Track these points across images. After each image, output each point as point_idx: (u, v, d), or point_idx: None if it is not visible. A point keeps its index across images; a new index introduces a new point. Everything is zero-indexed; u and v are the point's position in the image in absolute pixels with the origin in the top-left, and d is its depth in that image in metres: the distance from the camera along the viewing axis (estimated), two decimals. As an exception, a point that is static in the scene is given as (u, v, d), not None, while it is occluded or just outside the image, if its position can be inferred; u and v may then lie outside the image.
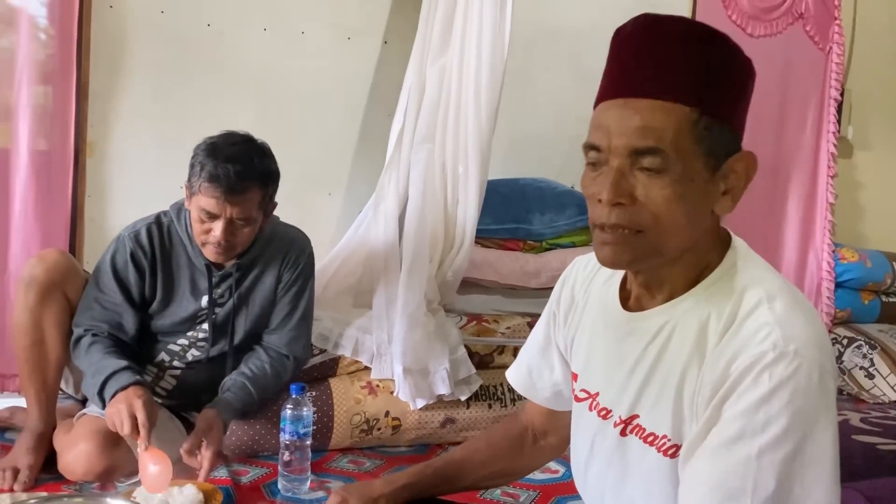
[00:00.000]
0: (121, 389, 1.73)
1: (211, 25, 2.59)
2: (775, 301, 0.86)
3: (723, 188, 0.89)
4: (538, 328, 1.22)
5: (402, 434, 2.21)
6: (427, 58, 2.48)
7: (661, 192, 0.86)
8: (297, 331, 2.02)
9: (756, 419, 0.80)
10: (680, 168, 0.85)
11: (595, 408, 1.03)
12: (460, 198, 2.43)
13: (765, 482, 0.79)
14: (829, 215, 3.34)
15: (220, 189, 1.77)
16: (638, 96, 0.87)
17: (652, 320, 0.95)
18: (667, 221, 0.87)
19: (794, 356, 0.81)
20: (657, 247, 0.89)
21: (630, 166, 0.87)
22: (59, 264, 1.87)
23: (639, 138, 0.85)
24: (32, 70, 2.32)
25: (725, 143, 0.88)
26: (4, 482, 1.76)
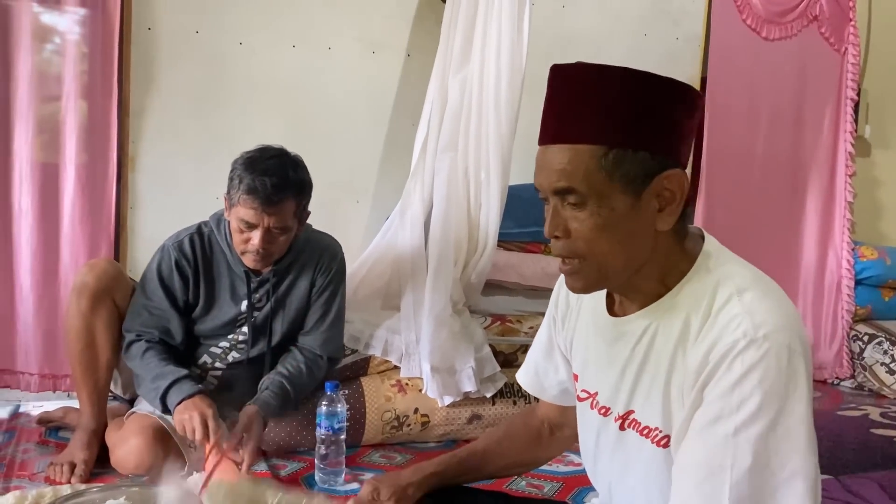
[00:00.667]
0: (187, 398, 1.85)
1: (243, 44, 2.71)
2: (745, 293, 0.94)
3: (657, 206, 0.96)
4: (542, 331, 1.29)
5: (431, 430, 2.30)
6: (449, 69, 2.56)
7: (584, 224, 0.95)
8: (330, 332, 2.13)
9: (731, 400, 0.88)
10: (595, 200, 0.94)
11: (595, 406, 1.11)
12: (483, 202, 2.51)
13: (742, 457, 0.87)
14: (847, 213, 3.36)
15: (258, 201, 1.88)
16: (553, 142, 0.97)
17: (636, 323, 1.03)
18: (597, 248, 0.96)
19: (762, 341, 0.89)
20: (601, 271, 0.98)
21: (561, 203, 0.97)
22: (108, 272, 1.99)
23: (556, 180, 0.95)
24: (77, 88, 2.44)
25: (643, 168, 0.94)
26: (63, 476, 1.88)
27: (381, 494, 1.19)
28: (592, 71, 0.96)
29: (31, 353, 2.44)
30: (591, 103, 0.95)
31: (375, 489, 1.19)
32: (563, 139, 0.96)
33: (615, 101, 0.94)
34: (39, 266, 2.43)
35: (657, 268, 1.00)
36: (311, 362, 2.09)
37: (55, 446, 2.13)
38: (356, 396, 2.24)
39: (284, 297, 2.09)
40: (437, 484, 1.24)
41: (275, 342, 2.10)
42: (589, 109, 0.95)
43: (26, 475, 1.94)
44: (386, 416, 2.25)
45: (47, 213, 2.44)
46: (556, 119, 0.98)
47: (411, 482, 1.21)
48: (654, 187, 0.95)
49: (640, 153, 0.94)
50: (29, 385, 2.44)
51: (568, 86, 0.98)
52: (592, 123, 0.94)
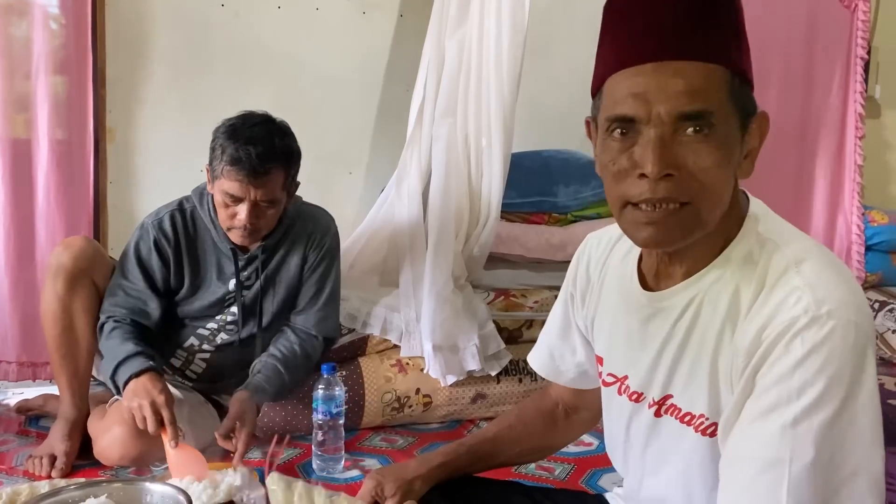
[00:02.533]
0: (134, 376, 1.72)
1: (225, 6, 2.57)
2: (803, 264, 0.82)
3: (744, 151, 0.86)
4: (556, 310, 1.19)
5: (434, 411, 2.21)
6: (445, 30, 2.44)
7: (710, 158, 0.81)
8: (325, 311, 2.01)
9: (790, 386, 0.77)
10: (724, 131, 0.82)
11: (625, 392, 1.00)
12: (484, 171, 2.40)
13: (802, 450, 0.77)
14: (857, 177, 3.27)
15: (243, 172, 1.75)
16: (674, 58, 0.81)
17: (677, 297, 0.91)
18: (715, 188, 0.83)
19: (826, 319, 0.77)
20: (703, 218, 0.84)
21: (672, 133, 0.81)
22: (85, 251, 1.87)
23: (686, 102, 0.80)
24: (48, 60, 2.32)
25: (751, 104, 0.85)
26: (42, 469, 1.78)
27: (386, 490, 1.09)
28: None
29: (8, 340, 2.32)
30: (714, 18, 0.82)
31: (379, 484, 1.10)
32: (690, 54, 0.81)
33: (735, 21, 0.84)
34: (13, 247, 2.31)
35: (721, 226, 0.88)
36: (305, 343, 1.98)
37: (36, 436, 2.02)
38: (354, 378, 2.14)
39: (274, 274, 1.98)
40: (446, 475, 1.14)
41: (265, 322, 1.99)
42: (714, 25, 0.82)
43: (4, 469, 1.84)
44: (386, 398, 2.15)
45: (20, 191, 2.31)
46: (677, 30, 0.82)
47: (418, 475, 1.11)
48: (751, 127, 0.86)
49: (746, 87, 0.85)
50: (7, 374, 2.33)
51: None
52: (721, 40, 0.82)
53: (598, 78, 0.88)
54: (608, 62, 0.86)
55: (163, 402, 1.68)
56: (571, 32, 2.97)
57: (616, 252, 1.05)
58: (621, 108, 0.83)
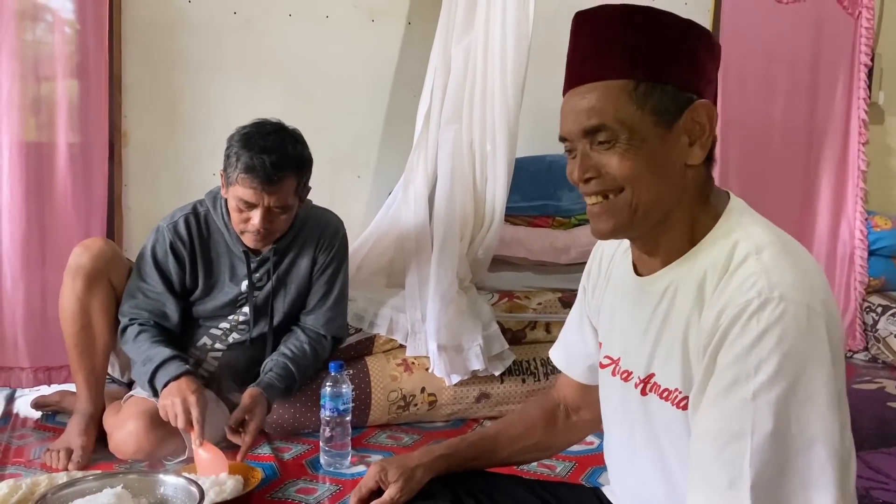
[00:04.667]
0: (172, 379, 1.79)
1: (237, 13, 2.62)
2: (763, 251, 0.90)
3: (687, 140, 0.95)
4: (575, 306, 1.27)
5: (438, 409, 2.25)
6: (452, 37, 2.48)
7: (615, 160, 0.94)
8: (333, 311, 2.07)
9: (748, 364, 0.84)
10: (627, 135, 0.93)
11: (617, 372, 1.08)
12: (489, 176, 2.44)
13: (762, 421, 0.83)
14: (860, 183, 3.29)
15: (257, 180, 1.81)
16: (580, 83, 0.96)
17: (658, 282, 1.00)
18: (634, 181, 0.94)
19: (779, 301, 0.84)
20: (632, 207, 0.95)
21: (589, 146, 0.96)
22: (103, 252, 1.93)
23: (586, 119, 0.95)
24: (64, 64, 2.35)
25: (673, 101, 0.94)
26: (59, 462, 1.83)
27: (389, 476, 1.14)
28: (616, 10, 0.96)
29: (23, 346, 2.32)
30: (617, 40, 0.95)
31: (383, 470, 1.15)
32: (590, 78, 0.95)
33: (641, 37, 0.94)
34: (29, 250, 2.32)
35: (684, 217, 0.98)
36: (314, 342, 2.04)
37: (52, 431, 2.08)
38: (361, 376, 2.18)
39: (285, 275, 2.03)
40: (447, 467, 1.19)
41: (276, 322, 2.04)
42: (615, 46, 0.95)
43: (22, 462, 1.89)
44: (392, 396, 2.20)
45: (36, 195, 2.33)
46: (582, 62, 0.97)
47: (420, 464, 1.17)
48: (685, 120, 0.95)
49: (668, 87, 0.94)
50: (21, 381, 2.32)
51: (592, 27, 0.98)
52: (620, 59, 0.94)
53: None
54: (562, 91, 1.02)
55: (194, 401, 1.75)
56: (576, 39, 3.02)
57: (622, 246, 1.13)
58: (560, 130, 1.00)
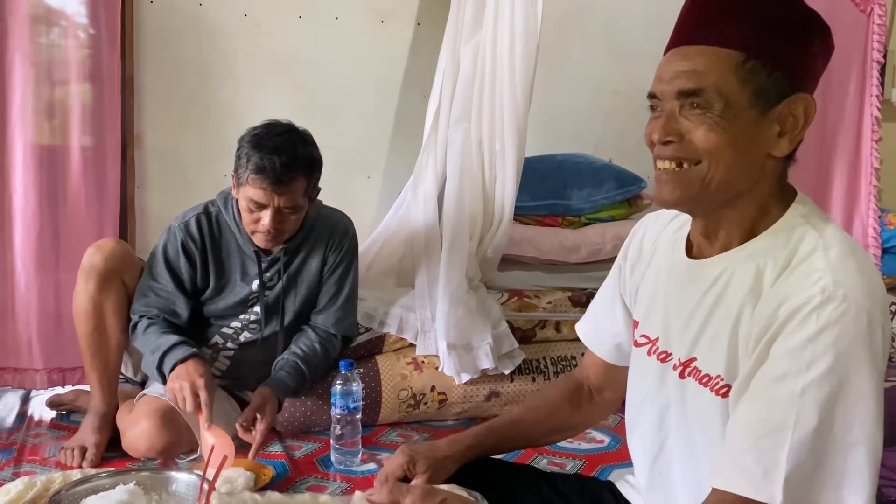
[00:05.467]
0: (179, 362, 1.81)
1: (247, 16, 2.64)
2: (831, 249, 0.88)
3: (777, 130, 0.93)
4: (606, 282, 1.25)
5: (448, 408, 2.26)
6: (460, 37, 2.49)
7: (702, 128, 0.92)
8: (343, 310, 2.08)
9: (801, 358, 0.83)
10: (721, 106, 0.91)
11: (654, 352, 1.06)
12: (498, 175, 2.45)
13: (806, 417, 0.82)
14: (874, 181, 3.26)
15: (268, 180, 1.82)
16: (686, 44, 0.94)
17: (712, 267, 0.98)
18: (712, 153, 0.92)
19: (842, 301, 0.83)
20: (705, 181, 0.93)
21: (679, 108, 0.94)
22: (116, 253, 1.95)
23: (684, 81, 0.92)
24: (77, 68, 2.37)
25: (776, 86, 0.92)
26: (73, 460, 1.85)
27: (417, 466, 1.13)
28: None
29: (37, 348, 2.33)
30: (739, 10, 0.93)
31: (411, 460, 1.13)
32: (701, 40, 0.93)
33: (764, 14, 0.92)
34: (42, 252, 2.34)
35: (752, 205, 0.96)
36: (325, 341, 2.05)
37: (66, 430, 2.10)
38: (371, 375, 2.19)
39: (296, 275, 2.05)
40: (475, 456, 1.19)
41: (287, 321, 2.06)
42: (736, 16, 0.92)
43: (37, 459, 1.92)
44: (402, 395, 2.21)
45: (49, 197, 2.35)
46: (697, 22, 0.95)
47: (448, 455, 1.16)
48: (781, 110, 0.93)
49: (776, 72, 0.92)
50: (35, 383, 2.34)
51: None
52: (737, 28, 0.92)
53: None
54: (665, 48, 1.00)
55: (202, 384, 1.77)
56: (585, 39, 3.02)
57: (669, 228, 1.12)
58: (652, 87, 0.98)
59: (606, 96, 3.02)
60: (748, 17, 0.92)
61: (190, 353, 1.84)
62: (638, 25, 2.96)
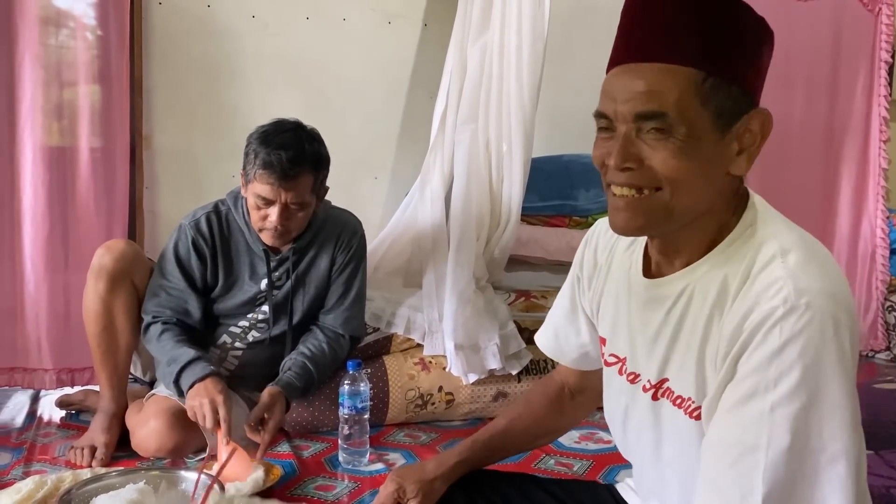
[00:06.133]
0: (198, 380, 1.82)
1: (255, 17, 2.65)
2: (789, 255, 0.85)
3: (736, 148, 0.89)
4: (563, 292, 1.22)
5: (456, 408, 2.26)
6: (467, 38, 2.50)
7: (665, 154, 0.86)
8: (351, 310, 2.09)
9: (768, 375, 0.80)
10: (684, 130, 0.85)
11: (623, 372, 1.04)
12: (505, 176, 2.45)
13: (779, 437, 0.79)
14: (882, 181, 3.26)
15: (275, 175, 1.83)
16: (641, 61, 0.87)
17: (672, 286, 0.95)
18: (676, 179, 0.87)
19: (805, 309, 0.80)
20: (668, 208, 0.88)
21: (637, 131, 0.87)
22: (126, 253, 1.96)
23: (642, 103, 0.86)
24: (86, 70, 2.39)
25: (736, 103, 0.87)
26: (83, 459, 1.86)
27: (407, 491, 1.12)
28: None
29: (46, 348, 2.35)
30: (693, 22, 0.86)
31: (400, 486, 1.12)
32: (657, 57, 0.86)
33: (719, 25, 0.86)
34: (51, 254, 2.35)
35: (711, 223, 0.92)
36: (333, 341, 2.06)
37: (76, 430, 2.11)
38: (379, 375, 2.20)
39: (304, 275, 2.05)
40: (464, 472, 1.18)
41: (295, 321, 2.06)
42: (691, 29, 0.85)
43: (47, 459, 1.92)
44: (410, 395, 2.21)
45: (59, 198, 2.36)
46: (647, 36, 0.87)
47: (437, 475, 1.14)
48: (740, 127, 0.88)
49: (733, 87, 0.87)
50: (44, 383, 2.35)
51: (667, 3, 0.88)
52: (694, 44, 0.85)
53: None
54: (609, 61, 0.93)
55: (221, 401, 1.77)
56: (592, 39, 3.01)
57: (622, 240, 1.07)
58: (600, 106, 0.91)
59: (613, 97, 3.02)
60: (704, 31, 0.85)
61: (209, 371, 1.84)
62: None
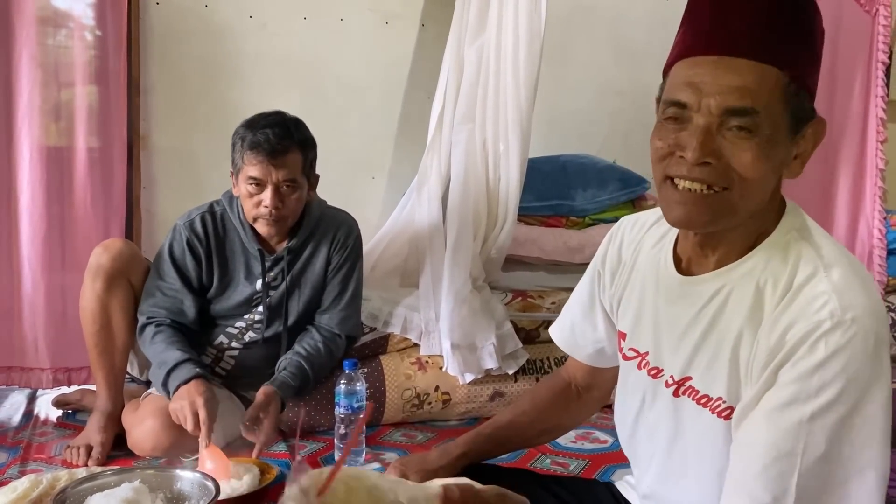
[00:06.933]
0: (183, 383, 1.81)
1: (253, 17, 2.65)
2: (832, 269, 0.86)
3: (794, 153, 0.90)
4: (582, 287, 1.22)
5: (452, 408, 2.26)
6: (465, 38, 2.50)
7: (748, 154, 0.86)
8: (347, 310, 2.09)
9: (810, 384, 0.82)
10: (769, 131, 0.86)
11: (644, 367, 1.04)
12: (502, 175, 2.45)
13: (815, 444, 0.82)
14: (879, 182, 3.25)
15: (263, 153, 1.86)
16: (734, 55, 0.86)
17: (707, 284, 0.95)
18: (751, 183, 0.87)
19: (850, 325, 0.82)
20: (736, 207, 0.89)
21: (719, 125, 0.86)
22: (123, 253, 1.96)
23: (735, 98, 0.85)
24: (84, 70, 2.39)
25: (805, 109, 0.89)
26: (79, 458, 1.86)
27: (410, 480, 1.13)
28: None
29: (43, 347, 2.35)
30: (787, 24, 0.87)
31: (403, 475, 1.13)
32: (752, 54, 0.85)
33: (805, 30, 0.87)
34: (49, 253, 2.35)
35: (757, 222, 0.93)
36: (329, 341, 2.06)
37: (72, 429, 2.12)
38: (376, 375, 2.20)
39: (300, 275, 2.05)
40: (467, 464, 1.18)
41: (291, 321, 2.06)
42: (785, 30, 0.86)
43: (43, 458, 1.93)
44: (406, 395, 2.21)
45: (56, 198, 2.36)
46: (739, 30, 0.86)
47: (441, 466, 1.15)
48: (805, 132, 0.90)
49: (807, 93, 0.89)
50: (41, 382, 2.35)
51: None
52: (787, 47, 0.86)
53: (669, 61, 0.93)
54: (678, 48, 0.92)
55: (202, 404, 1.76)
56: (590, 39, 3.03)
57: (650, 235, 1.08)
58: (677, 94, 0.89)
59: (611, 97, 3.03)
60: (795, 34, 0.86)
61: (194, 373, 1.82)
62: (643, 26, 2.97)
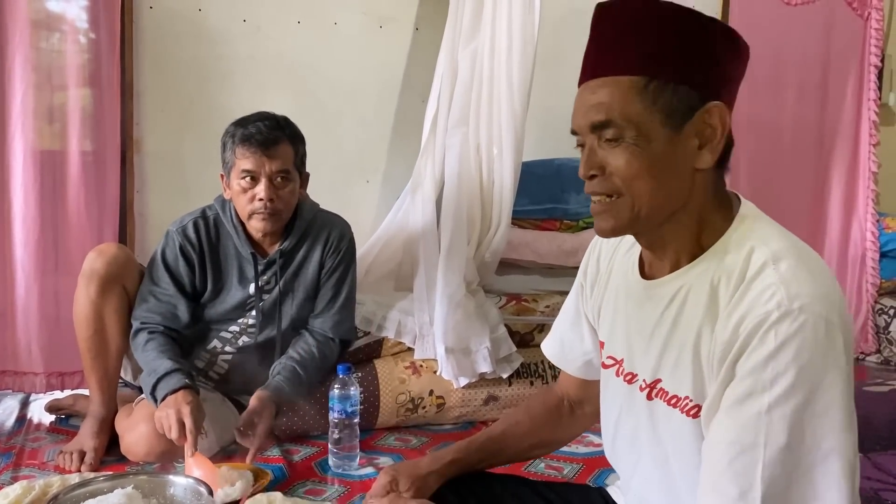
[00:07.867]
0: (171, 392, 1.80)
1: (247, 21, 2.65)
2: (781, 261, 0.89)
3: (697, 143, 0.94)
4: (569, 301, 1.26)
5: (447, 412, 2.26)
6: (458, 42, 2.50)
7: (620, 159, 0.93)
8: (341, 314, 2.08)
9: (764, 376, 0.84)
10: (633, 133, 0.92)
11: (621, 373, 1.07)
12: (496, 179, 2.46)
13: (776, 435, 0.83)
14: (871, 184, 3.28)
15: (255, 144, 1.88)
16: (596, 76, 0.96)
17: (667, 286, 0.99)
18: (634, 183, 0.93)
19: (798, 313, 0.84)
20: (634, 209, 0.94)
21: (597, 141, 0.95)
22: (117, 258, 1.96)
23: (593, 114, 0.94)
24: (77, 73, 2.39)
25: (685, 101, 0.92)
26: (72, 464, 1.86)
27: (400, 485, 1.13)
28: (635, 5, 0.95)
29: (36, 351, 2.34)
30: (633, 35, 0.93)
31: (393, 479, 1.14)
32: (602, 72, 0.95)
33: (658, 33, 0.93)
34: (42, 256, 2.35)
35: (692, 219, 0.96)
36: (322, 345, 2.05)
37: (65, 434, 2.11)
38: (370, 379, 2.20)
39: (293, 279, 2.05)
40: (457, 471, 1.19)
41: (284, 325, 2.06)
42: (631, 41, 0.93)
43: (36, 464, 1.92)
44: (400, 399, 2.21)
45: (50, 202, 2.36)
46: (597, 54, 0.96)
47: (431, 471, 1.16)
48: (695, 122, 0.93)
49: (681, 87, 0.92)
50: (34, 386, 2.34)
51: (611, 20, 0.96)
52: (633, 54, 0.93)
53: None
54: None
55: (187, 412, 1.74)
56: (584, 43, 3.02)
57: (622, 246, 1.12)
58: (573, 125, 0.99)
59: (605, 100, 3.03)
60: (642, 41, 0.92)
61: (182, 384, 1.81)
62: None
